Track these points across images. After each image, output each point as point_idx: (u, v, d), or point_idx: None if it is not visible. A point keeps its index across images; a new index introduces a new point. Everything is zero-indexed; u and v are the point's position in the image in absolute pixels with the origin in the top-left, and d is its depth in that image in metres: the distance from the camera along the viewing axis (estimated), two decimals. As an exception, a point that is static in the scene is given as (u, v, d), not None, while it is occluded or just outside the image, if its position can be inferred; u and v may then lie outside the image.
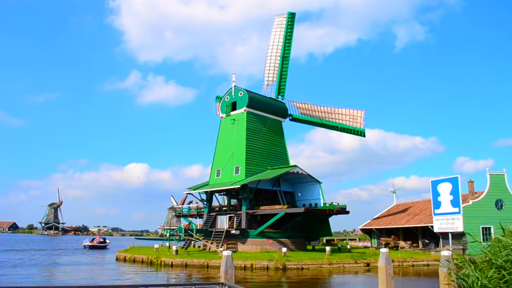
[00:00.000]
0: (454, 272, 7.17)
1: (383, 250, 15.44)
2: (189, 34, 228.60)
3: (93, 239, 64.31)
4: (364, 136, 44.60)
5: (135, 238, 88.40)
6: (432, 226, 39.27)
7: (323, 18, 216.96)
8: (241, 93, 44.73)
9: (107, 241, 65.08)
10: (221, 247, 36.24)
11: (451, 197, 37.29)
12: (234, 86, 45.65)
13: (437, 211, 38.43)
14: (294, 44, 49.09)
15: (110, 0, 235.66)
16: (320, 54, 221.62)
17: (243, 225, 38.83)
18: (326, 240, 58.20)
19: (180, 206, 47.88)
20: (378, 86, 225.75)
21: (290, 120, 49.21)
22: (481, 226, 36.30)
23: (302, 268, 28.65)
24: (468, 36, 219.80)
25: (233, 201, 45.68)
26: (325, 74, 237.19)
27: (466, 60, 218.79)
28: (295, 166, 41.93)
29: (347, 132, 46.01)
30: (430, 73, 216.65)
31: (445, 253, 11.46)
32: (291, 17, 48.31)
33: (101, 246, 60.26)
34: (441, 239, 39.54)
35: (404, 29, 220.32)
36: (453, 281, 7.00)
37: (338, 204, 41.17)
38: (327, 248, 35.66)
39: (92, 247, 58.39)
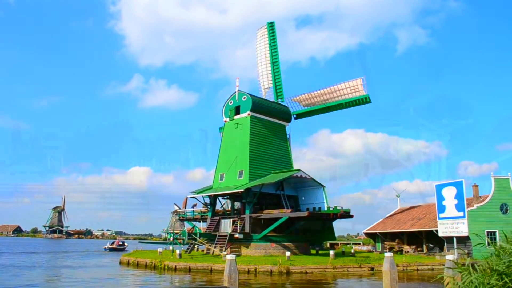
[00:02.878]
0: (454, 279, 7.13)
1: (388, 254, 15.39)
2: (189, 38, 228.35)
3: (113, 242, 69.99)
4: (370, 101, 44.70)
5: (139, 241, 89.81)
6: (436, 230, 39.10)
7: (324, 22, 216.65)
8: (244, 97, 44.84)
9: (126, 244, 70.13)
10: (224, 251, 36.20)
11: (456, 201, 37.16)
12: (238, 90, 45.77)
13: (441, 215, 38.30)
14: (295, 48, 49.71)
15: (111, 5, 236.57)
16: (321, 58, 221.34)
17: (247, 229, 38.81)
18: (330, 244, 58.05)
19: (184, 210, 47.93)
20: (380, 89, 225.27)
21: (295, 119, 48.95)
22: (486, 231, 36.04)
23: (306, 272, 28.58)
24: (470, 40, 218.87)
25: (237, 205, 45.66)
26: (327, 77, 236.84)
27: (468, 64, 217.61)
28: (299, 170, 41.89)
29: (353, 105, 45.73)
30: (432, 77, 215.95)
31: (449, 257, 11.40)
32: (271, 25, 49.73)
33: (121, 249, 64.50)
34: (445, 243, 39.35)
35: (405, 32, 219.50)
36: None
37: (342, 208, 41.11)
38: (331, 252, 35.57)
39: (112, 249, 63.29)
